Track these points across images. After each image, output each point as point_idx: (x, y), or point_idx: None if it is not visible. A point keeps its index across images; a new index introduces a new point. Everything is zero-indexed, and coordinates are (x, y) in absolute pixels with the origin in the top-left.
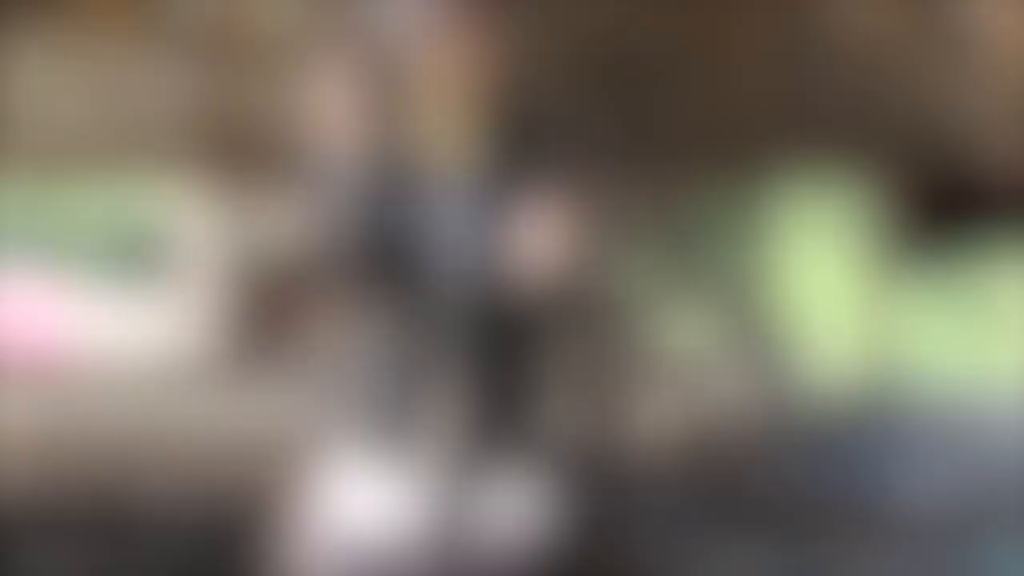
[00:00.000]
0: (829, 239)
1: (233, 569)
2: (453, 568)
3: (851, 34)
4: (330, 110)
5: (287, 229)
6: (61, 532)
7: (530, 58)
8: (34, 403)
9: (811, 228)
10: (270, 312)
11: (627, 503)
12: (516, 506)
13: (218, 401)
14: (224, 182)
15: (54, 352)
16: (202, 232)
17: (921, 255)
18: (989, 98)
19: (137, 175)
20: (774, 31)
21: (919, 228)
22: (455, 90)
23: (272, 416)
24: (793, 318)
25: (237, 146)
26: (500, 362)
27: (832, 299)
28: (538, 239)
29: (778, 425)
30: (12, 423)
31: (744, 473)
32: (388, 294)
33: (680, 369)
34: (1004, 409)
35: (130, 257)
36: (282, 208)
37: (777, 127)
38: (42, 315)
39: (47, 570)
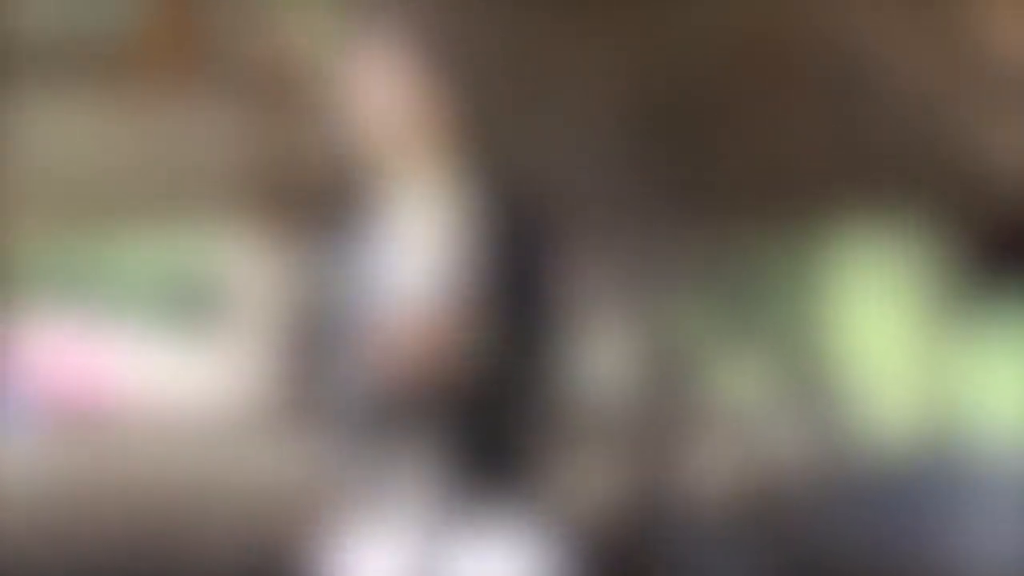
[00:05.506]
0: (886, 289)
1: None
2: None
3: (906, 84)
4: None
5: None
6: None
7: (562, 110)
8: (84, 450)
9: (867, 278)
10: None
11: (679, 554)
12: (531, 562)
13: (270, 449)
14: (275, 231)
15: (103, 400)
16: (253, 281)
17: (978, 304)
18: None
19: (188, 224)
20: (827, 81)
21: (976, 277)
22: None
23: (319, 466)
24: (850, 368)
25: (286, 197)
26: (509, 416)
27: (889, 349)
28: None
29: (835, 476)
30: (60, 470)
31: (799, 524)
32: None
33: (736, 420)
34: None
35: (181, 306)
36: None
37: (833, 177)
38: (91, 363)
39: None
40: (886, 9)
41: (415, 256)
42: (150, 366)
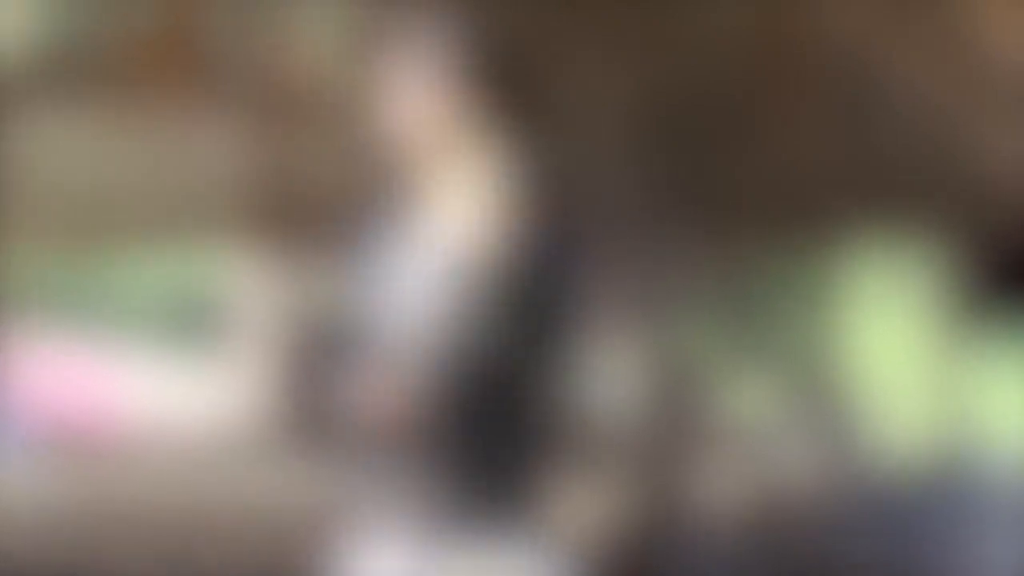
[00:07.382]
0: (896, 306)
1: None
2: None
3: (919, 99)
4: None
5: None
6: None
7: (573, 129)
8: (84, 472)
9: (878, 295)
10: (321, 380)
11: (688, 574)
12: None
13: (271, 470)
14: (276, 249)
15: (103, 421)
16: (257, 299)
17: (989, 321)
18: None
19: (190, 242)
20: (840, 95)
21: (987, 294)
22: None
23: (322, 485)
24: (860, 385)
25: (289, 214)
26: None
27: (899, 366)
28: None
29: (845, 494)
30: (60, 491)
31: (809, 542)
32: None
33: (746, 438)
34: None
35: (182, 325)
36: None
37: (844, 193)
38: (92, 384)
39: None
40: (899, 20)
41: (425, 270)
42: (151, 386)
